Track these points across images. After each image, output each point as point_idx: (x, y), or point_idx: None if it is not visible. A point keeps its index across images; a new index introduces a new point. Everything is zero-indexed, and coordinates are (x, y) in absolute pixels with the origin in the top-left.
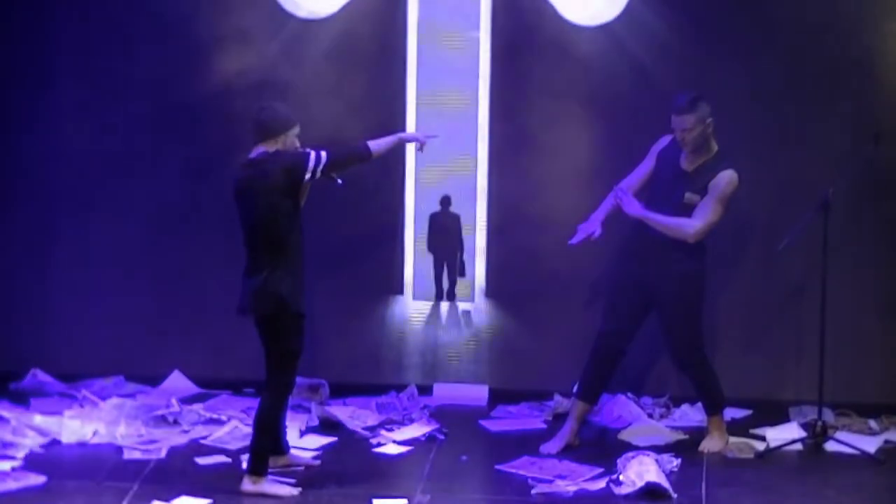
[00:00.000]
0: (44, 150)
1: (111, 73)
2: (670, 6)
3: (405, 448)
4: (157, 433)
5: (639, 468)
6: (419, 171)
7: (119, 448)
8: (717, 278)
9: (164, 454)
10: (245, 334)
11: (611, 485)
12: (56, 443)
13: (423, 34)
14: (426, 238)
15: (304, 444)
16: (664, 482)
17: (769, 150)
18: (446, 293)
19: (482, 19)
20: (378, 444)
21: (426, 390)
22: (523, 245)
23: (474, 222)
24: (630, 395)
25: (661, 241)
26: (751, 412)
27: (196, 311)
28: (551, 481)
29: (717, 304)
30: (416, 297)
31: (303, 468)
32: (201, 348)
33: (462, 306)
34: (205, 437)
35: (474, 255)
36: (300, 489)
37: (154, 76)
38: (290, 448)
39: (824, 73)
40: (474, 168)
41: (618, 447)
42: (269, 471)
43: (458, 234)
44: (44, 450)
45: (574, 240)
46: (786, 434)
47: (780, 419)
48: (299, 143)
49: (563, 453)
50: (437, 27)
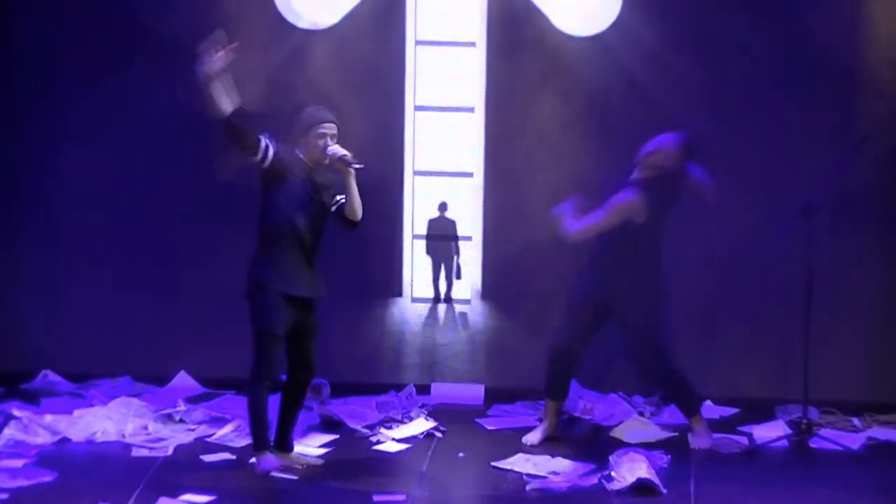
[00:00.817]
0: (54, 154)
1: (122, 80)
2: (659, 17)
3: (404, 445)
4: (164, 431)
5: (630, 465)
6: (417, 179)
7: (127, 446)
8: (706, 284)
9: (170, 452)
10: (248, 337)
11: (603, 481)
12: (66, 441)
13: (421, 44)
14: (424, 242)
15: (306, 442)
16: (655, 478)
17: (756, 157)
18: (444, 295)
19: (479, 30)
20: (378, 442)
21: (424, 389)
22: (517, 249)
23: (471, 227)
24: (622, 393)
25: (608, 259)
26: (739, 410)
27: (201, 315)
28: (545, 477)
29: (706, 308)
30: (415, 299)
31: (303, 466)
32: (206, 350)
33: (459, 308)
34: (210, 436)
35: (470, 258)
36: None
37: (161, 84)
38: (293, 447)
39: (811, 83)
40: (471, 175)
41: (610, 444)
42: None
43: (455, 239)
44: (54, 447)
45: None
46: (772, 431)
47: (767, 417)
48: (328, 143)
49: (550, 448)
50: (434, 37)
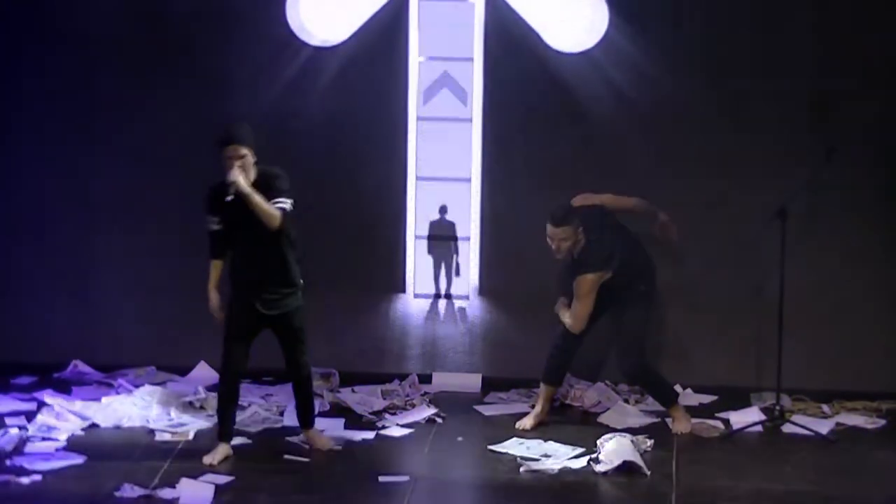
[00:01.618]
0: (87, 163)
1: (149, 97)
2: (644, 34)
3: (407, 430)
4: (185, 417)
5: (616, 448)
6: (419, 184)
7: (151, 431)
8: (689, 282)
9: (191, 436)
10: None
11: (591, 463)
12: (95, 426)
13: (423, 60)
14: (426, 242)
15: (317, 427)
16: (639, 461)
17: (734, 166)
18: (444, 292)
19: (476, 47)
20: (383, 427)
21: (426, 379)
22: (512, 249)
23: (468, 229)
24: (608, 382)
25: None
26: (717, 398)
27: None
28: (538, 460)
29: (688, 304)
30: (417, 296)
31: (320, 444)
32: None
33: (458, 304)
34: None
35: (468, 257)
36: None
37: (181, 99)
38: (313, 423)
39: (784, 93)
40: (469, 181)
41: (597, 429)
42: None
43: (454, 239)
44: (84, 432)
45: None
46: (747, 417)
47: (743, 404)
48: (230, 169)
49: (543, 433)
50: (435, 53)
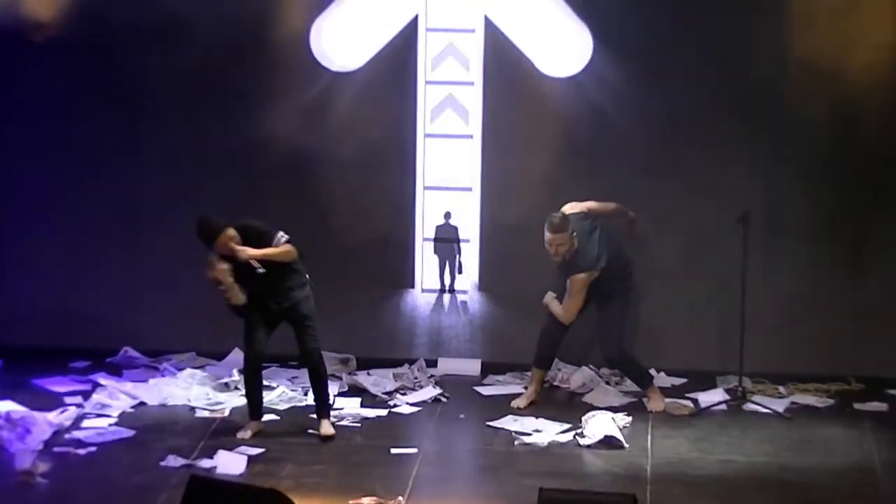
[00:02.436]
0: (135, 173)
1: (187, 115)
2: (625, 61)
3: (416, 408)
4: (222, 396)
5: (598, 424)
6: (427, 192)
7: (192, 408)
8: (662, 278)
9: (227, 413)
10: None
11: (576, 437)
12: (143, 404)
13: (430, 83)
14: (432, 244)
15: (337, 405)
16: (618, 435)
17: (703, 177)
18: (448, 287)
19: (477, 72)
20: (395, 405)
21: (432, 363)
22: (508, 250)
23: (470, 232)
24: (592, 367)
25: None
26: (686, 380)
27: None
28: (530, 434)
29: (662, 297)
30: (424, 290)
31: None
32: None
33: (460, 297)
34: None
35: (470, 257)
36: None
37: (221, 117)
38: (327, 415)
39: (749, 109)
40: (470, 189)
41: (582, 408)
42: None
43: (458, 241)
44: (133, 410)
45: None
46: (713, 397)
47: (710, 386)
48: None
49: (534, 411)
50: (440, 77)
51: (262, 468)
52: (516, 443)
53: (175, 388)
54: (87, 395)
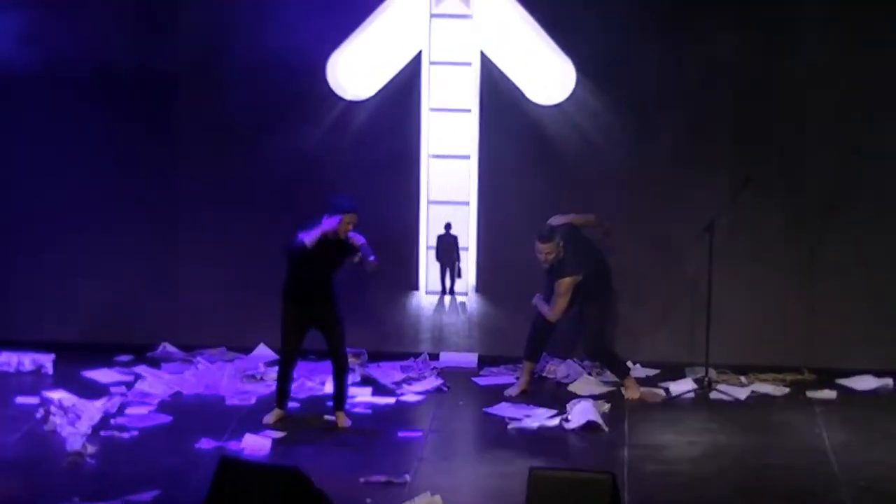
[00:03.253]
0: (173, 183)
1: (222, 135)
2: (605, 90)
3: (420, 396)
4: (249, 387)
5: (582, 410)
6: (430, 206)
7: (222, 397)
8: (637, 281)
9: (254, 402)
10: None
11: (562, 422)
12: (179, 394)
13: (433, 110)
14: (435, 251)
15: (350, 394)
16: (599, 420)
17: (674, 191)
18: (448, 289)
19: (473, 100)
20: (402, 394)
21: (435, 357)
22: (503, 257)
23: (468, 241)
24: (576, 360)
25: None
26: (659, 371)
27: (277, 301)
28: (521, 419)
29: (637, 298)
30: (428, 292)
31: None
32: (279, 327)
33: (460, 298)
34: None
35: (468, 263)
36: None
37: (255, 138)
38: (340, 407)
39: (714, 127)
40: (468, 203)
41: (567, 396)
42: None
43: (457, 249)
44: (171, 398)
45: None
46: (683, 386)
47: (679, 376)
48: (348, 228)
49: (525, 399)
50: (441, 105)
51: (284, 450)
52: (509, 427)
53: (208, 379)
54: (129, 386)
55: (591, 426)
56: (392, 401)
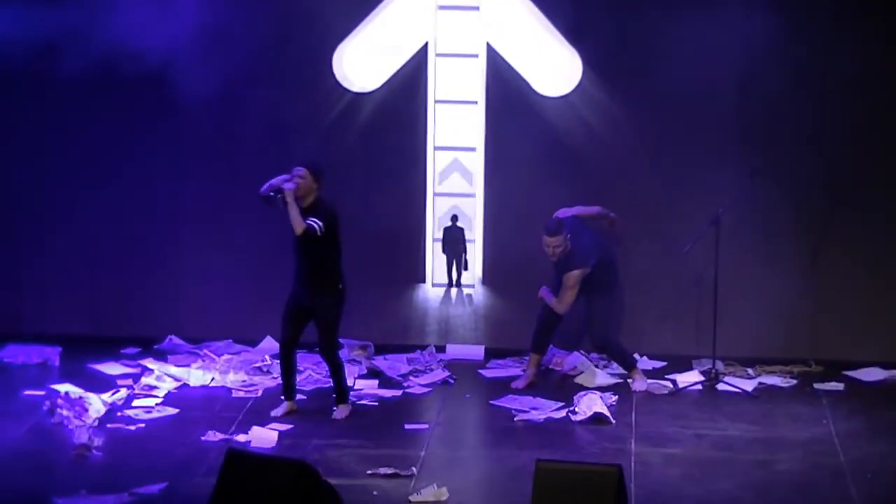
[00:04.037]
0: (181, 182)
1: (226, 134)
2: (611, 82)
3: (427, 389)
4: (255, 379)
5: (588, 402)
6: (436, 199)
7: (229, 389)
8: (644, 274)
9: (260, 394)
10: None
11: (569, 414)
12: (185, 386)
13: (439, 102)
14: (441, 244)
15: (357, 386)
16: (606, 412)
17: (680, 185)
18: (455, 281)
19: (479, 92)
20: (408, 386)
21: (442, 349)
22: (508, 249)
23: (474, 233)
24: (583, 352)
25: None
26: (665, 363)
27: (281, 295)
28: (528, 412)
29: (644, 290)
30: (434, 284)
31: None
32: None
33: (466, 291)
34: None
35: (474, 255)
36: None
37: (250, 131)
38: (343, 400)
39: (718, 123)
40: (474, 196)
41: (574, 388)
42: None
43: (463, 241)
44: (177, 391)
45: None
46: (690, 378)
47: (686, 368)
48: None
49: (532, 391)
50: (448, 97)
51: (291, 442)
52: (516, 419)
53: (214, 372)
54: (136, 378)
55: (597, 418)
56: (399, 393)
